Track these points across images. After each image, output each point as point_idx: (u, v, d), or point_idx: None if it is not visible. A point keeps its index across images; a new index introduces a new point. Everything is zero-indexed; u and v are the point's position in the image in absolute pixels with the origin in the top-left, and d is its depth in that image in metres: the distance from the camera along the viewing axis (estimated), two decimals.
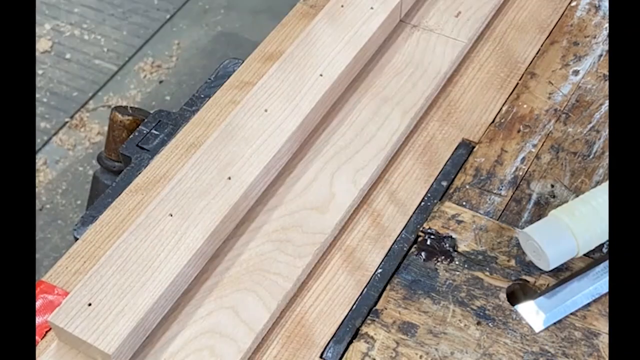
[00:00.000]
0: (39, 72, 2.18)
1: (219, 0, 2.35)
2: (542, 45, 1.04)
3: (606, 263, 0.82)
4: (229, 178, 0.84)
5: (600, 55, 1.02)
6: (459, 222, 0.87)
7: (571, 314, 0.79)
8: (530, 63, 1.02)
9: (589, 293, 0.80)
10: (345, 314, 0.81)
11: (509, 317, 0.79)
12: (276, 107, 0.90)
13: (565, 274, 0.83)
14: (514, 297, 0.82)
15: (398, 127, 0.94)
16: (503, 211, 0.88)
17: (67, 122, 2.08)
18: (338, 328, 0.80)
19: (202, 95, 1.02)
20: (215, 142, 0.87)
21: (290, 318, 0.81)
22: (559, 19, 1.07)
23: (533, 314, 0.79)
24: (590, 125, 0.96)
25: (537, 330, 0.79)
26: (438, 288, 0.82)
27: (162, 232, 0.80)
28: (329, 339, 0.79)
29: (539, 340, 0.78)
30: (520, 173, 0.91)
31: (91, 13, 2.33)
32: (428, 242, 0.85)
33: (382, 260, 0.85)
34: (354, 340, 0.79)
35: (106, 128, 1.94)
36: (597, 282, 0.81)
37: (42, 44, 2.24)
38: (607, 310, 0.79)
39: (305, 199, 0.88)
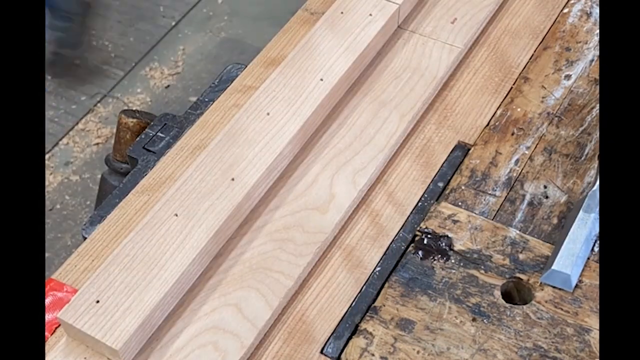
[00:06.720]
0: (48, 77, 2.21)
1: (223, 8, 2.37)
2: (535, 51, 1.05)
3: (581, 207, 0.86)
4: (233, 179, 0.86)
5: (592, 60, 1.04)
6: (455, 221, 0.88)
7: (563, 310, 0.81)
8: (524, 68, 1.03)
9: (588, 238, 0.84)
10: (345, 310, 0.82)
11: (503, 314, 0.81)
12: (278, 110, 0.92)
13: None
14: (508, 297, 0.84)
15: (396, 130, 0.95)
16: (497, 211, 0.90)
17: (75, 126, 2.10)
18: (338, 324, 0.82)
19: (206, 99, 1.03)
20: (219, 144, 0.89)
21: (292, 315, 0.83)
22: (552, 25, 1.08)
23: (559, 280, 0.83)
24: (582, 128, 0.97)
25: (572, 288, 0.82)
26: (435, 286, 0.83)
27: (168, 231, 0.82)
28: (329, 335, 0.81)
29: (532, 336, 0.79)
30: (514, 174, 0.93)
31: (99, 20, 2.35)
32: (425, 241, 0.87)
33: (381, 259, 0.86)
34: (353, 336, 0.80)
35: (114, 131, 1.96)
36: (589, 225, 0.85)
37: None
38: (598, 307, 0.81)
39: (306, 200, 0.90)
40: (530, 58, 1.04)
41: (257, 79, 1.02)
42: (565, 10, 1.10)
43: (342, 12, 1.02)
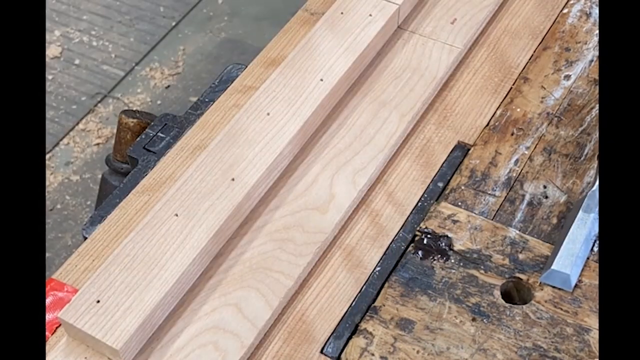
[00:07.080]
0: (48, 77, 2.21)
1: (223, 8, 2.37)
2: (535, 51, 1.05)
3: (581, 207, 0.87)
4: (233, 179, 0.86)
5: (591, 61, 1.04)
6: (455, 221, 0.89)
7: (563, 310, 0.81)
8: (524, 68, 1.03)
9: (588, 238, 0.85)
10: (345, 310, 0.83)
11: (503, 314, 0.81)
12: (278, 110, 0.92)
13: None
14: (508, 296, 0.84)
15: (396, 130, 0.95)
16: (497, 211, 0.90)
17: (76, 126, 2.10)
18: (338, 324, 0.82)
19: (207, 100, 1.03)
20: (219, 144, 0.89)
21: (292, 314, 0.83)
22: (552, 25, 1.08)
23: (559, 280, 0.83)
24: (582, 128, 0.97)
25: (572, 287, 0.83)
26: (434, 285, 0.83)
27: (168, 231, 0.82)
28: (329, 335, 0.81)
29: (532, 336, 0.79)
30: (514, 174, 0.93)
31: (99, 20, 2.35)
32: (425, 241, 0.87)
33: (381, 259, 0.87)
34: (353, 336, 0.81)
35: (114, 131, 1.97)
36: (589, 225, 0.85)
37: (52, 50, 2.26)
38: (598, 307, 0.81)
39: (306, 200, 0.90)
40: (530, 58, 1.05)
41: (257, 79, 1.03)
42: (565, 11, 1.10)
43: (342, 13, 1.02)
